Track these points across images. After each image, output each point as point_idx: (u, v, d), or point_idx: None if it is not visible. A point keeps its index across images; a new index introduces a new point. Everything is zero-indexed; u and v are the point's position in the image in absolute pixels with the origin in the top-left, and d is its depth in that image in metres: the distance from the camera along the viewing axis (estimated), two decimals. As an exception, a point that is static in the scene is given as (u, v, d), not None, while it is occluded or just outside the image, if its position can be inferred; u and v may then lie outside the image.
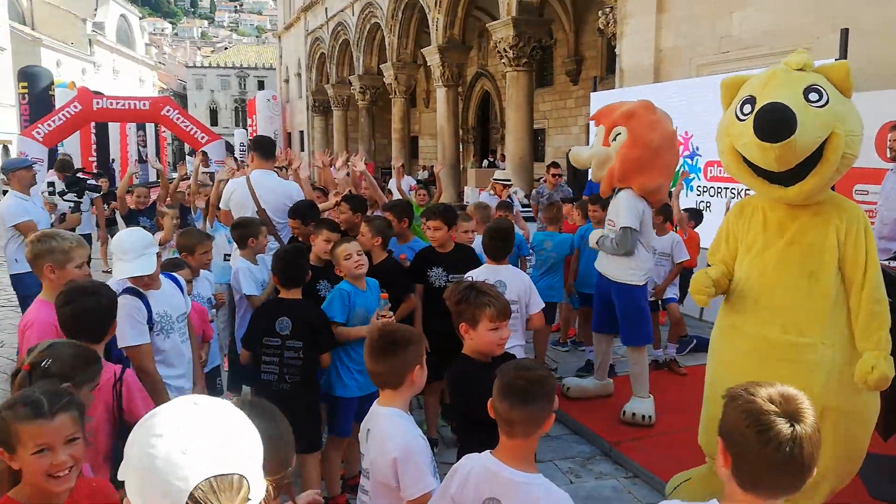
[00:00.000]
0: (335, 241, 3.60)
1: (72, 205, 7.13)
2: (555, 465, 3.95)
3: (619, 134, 4.25)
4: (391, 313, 3.29)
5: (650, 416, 4.31)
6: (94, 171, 7.66)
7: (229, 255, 5.09)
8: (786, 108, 2.45)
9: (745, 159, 2.67)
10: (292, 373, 3.17)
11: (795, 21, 7.19)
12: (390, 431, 2.08)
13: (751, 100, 2.67)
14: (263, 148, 5.12)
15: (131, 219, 6.36)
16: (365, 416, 2.26)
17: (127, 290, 2.94)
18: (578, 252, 5.48)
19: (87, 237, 7.80)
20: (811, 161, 2.54)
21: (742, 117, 2.68)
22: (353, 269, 3.36)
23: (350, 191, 5.50)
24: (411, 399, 2.33)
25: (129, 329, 2.81)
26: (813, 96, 2.54)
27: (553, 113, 21.01)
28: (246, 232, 4.15)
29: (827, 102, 2.53)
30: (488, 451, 1.86)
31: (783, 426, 1.32)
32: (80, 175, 7.67)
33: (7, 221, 5.18)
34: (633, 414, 4.32)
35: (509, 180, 7.93)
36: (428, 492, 1.99)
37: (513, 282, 3.62)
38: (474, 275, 3.60)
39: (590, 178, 4.61)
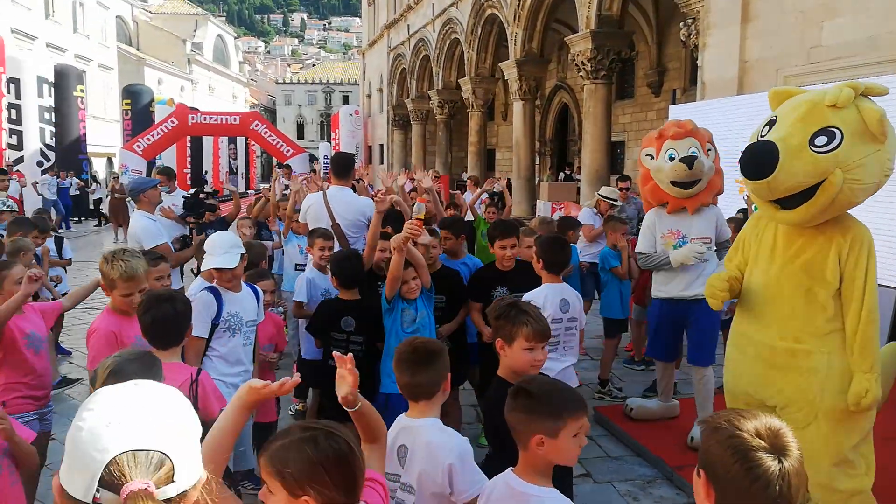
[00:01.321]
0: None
1: (194, 229, 6.74)
2: (613, 486, 3.86)
3: (711, 150, 4.21)
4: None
5: (719, 442, 4.14)
6: (210, 189, 7.06)
7: (301, 266, 5.30)
8: (769, 151, 2.53)
9: None
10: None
11: (892, 29, 6.78)
12: (439, 440, 2.12)
13: (772, 122, 2.73)
14: (340, 166, 5.26)
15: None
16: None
17: (207, 288, 3.26)
18: None
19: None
20: (808, 193, 2.57)
21: (761, 138, 2.75)
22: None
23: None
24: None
25: (193, 320, 3.04)
26: (820, 140, 2.54)
27: (633, 125, 20.58)
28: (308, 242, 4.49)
29: (836, 147, 2.52)
30: (510, 468, 1.89)
31: (772, 463, 1.25)
32: (200, 196, 7.09)
33: (146, 244, 4.86)
34: (702, 439, 4.15)
35: (617, 199, 7.19)
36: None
37: (574, 300, 3.61)
38: (538, 295, 3.53)
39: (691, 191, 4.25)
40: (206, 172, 25.99)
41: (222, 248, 3.24)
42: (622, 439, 4.45)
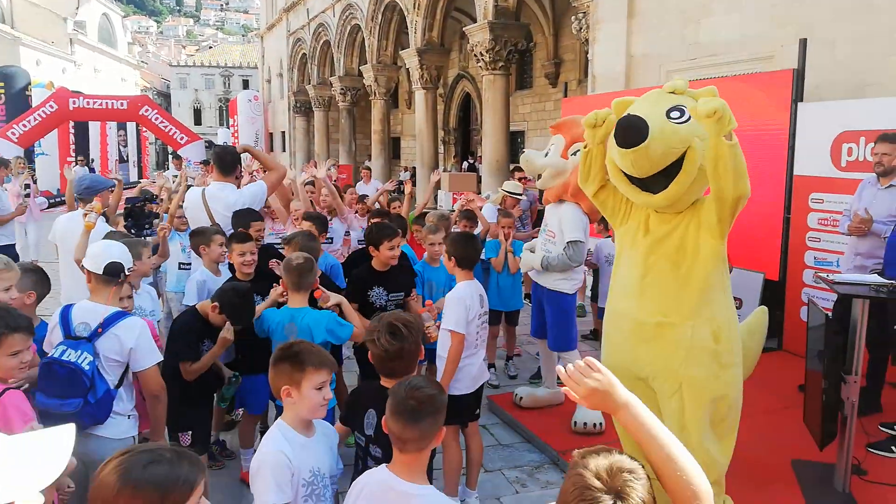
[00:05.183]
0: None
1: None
2: (503, 474, 3.97)
3: (580, 151, 4.29)
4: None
5: (600, 423, 4.35)
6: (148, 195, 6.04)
7: (184, 264, 5.08)
8: (639, 120, 2.66)
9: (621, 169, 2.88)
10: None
11: (761, 29, 7.28)
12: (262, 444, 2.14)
13: None
14: (222, 162, 4.83)
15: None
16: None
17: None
18: None
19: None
20: (674, 171, 2.72)
21: None
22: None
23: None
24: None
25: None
26: (674, 114, 2.72)
27: (533, 115, 21.10)
28: (197, 241, 4.14)
29: (688, 120, 2.71)
30: (384, 464, 1.93)
31: (607, 502, 1.26)
32: (138, 204, 6.29)
33: None
34: (584, 424, 4.34)
35: (521, 193, 6.97)
36: None
37: (484, 294, 3.66)
38: (462, 294, 3.48)
39: (537, 184, 4.67)
40: (93, 161, 24.35)
41: None
42: (513, 427, 4.59)
